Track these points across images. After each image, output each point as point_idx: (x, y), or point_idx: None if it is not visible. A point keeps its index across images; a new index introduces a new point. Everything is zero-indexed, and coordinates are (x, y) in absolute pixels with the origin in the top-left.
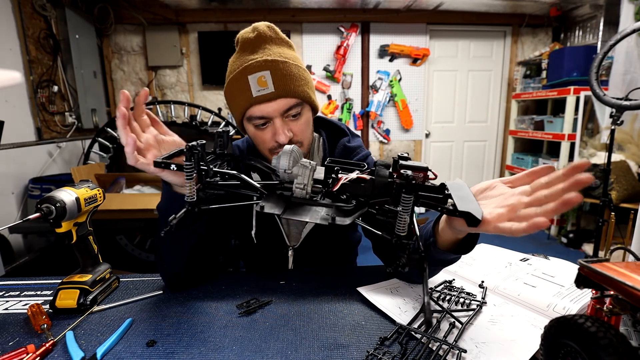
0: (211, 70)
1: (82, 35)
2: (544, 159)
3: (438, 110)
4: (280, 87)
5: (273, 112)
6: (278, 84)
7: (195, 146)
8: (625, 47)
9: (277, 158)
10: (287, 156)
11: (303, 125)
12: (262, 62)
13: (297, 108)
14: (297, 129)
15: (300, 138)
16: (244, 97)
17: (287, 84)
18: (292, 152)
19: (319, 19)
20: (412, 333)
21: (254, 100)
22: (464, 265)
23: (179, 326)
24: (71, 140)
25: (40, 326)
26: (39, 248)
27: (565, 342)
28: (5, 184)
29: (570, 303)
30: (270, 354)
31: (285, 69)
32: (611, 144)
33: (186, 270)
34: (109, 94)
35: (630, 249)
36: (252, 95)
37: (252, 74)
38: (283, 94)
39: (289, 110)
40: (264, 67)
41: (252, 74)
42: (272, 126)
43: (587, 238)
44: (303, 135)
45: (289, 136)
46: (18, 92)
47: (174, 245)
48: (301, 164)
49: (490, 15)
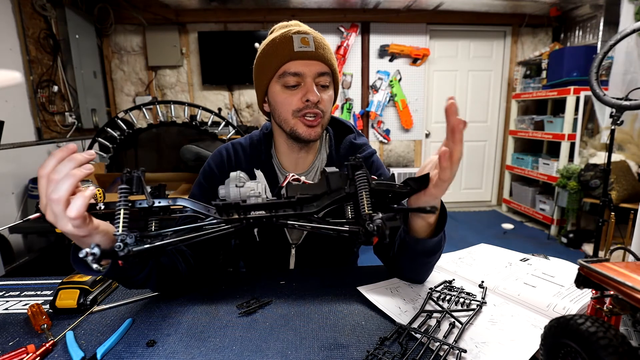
0: (211, 70)
1: (82, 35)
2: (544, 159)
3: (438, 110)
4: (319, 50)
5: (309, 71)
6: (318, 47)
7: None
8: (625, 47)
9: (224, 187)
10: (235, 179)
11: (329, 98)
12: (307, 29)
13: (328, 78)
14: (325, 98)
15: (324, 107)
16: (285, 51)
17: (325, 51)
18: (238, 175)
19: (319, 19)
20: (412, 333)
21: (295, 54)
22: (464, 265)
23: (179, 326)
24: (71, 140)
25: (40, 326)
26: (39, 248)
27: (565, 342)
28: (5, 184)
29: (570, 303)
30: (270, 354)
31: (324, 41)
32: (611, 144)
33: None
34: (109, 94)
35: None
36: (294, 49)
37: (296, 34)
38: (321, 58)
39: (322, 76)
40: (308, 32)
41: (296, 34)
42: (303, 87)
43: (587, 238)
44: (326, 107)
45: (319, 97)
46: (18, 92)
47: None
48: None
49: (490, 15)
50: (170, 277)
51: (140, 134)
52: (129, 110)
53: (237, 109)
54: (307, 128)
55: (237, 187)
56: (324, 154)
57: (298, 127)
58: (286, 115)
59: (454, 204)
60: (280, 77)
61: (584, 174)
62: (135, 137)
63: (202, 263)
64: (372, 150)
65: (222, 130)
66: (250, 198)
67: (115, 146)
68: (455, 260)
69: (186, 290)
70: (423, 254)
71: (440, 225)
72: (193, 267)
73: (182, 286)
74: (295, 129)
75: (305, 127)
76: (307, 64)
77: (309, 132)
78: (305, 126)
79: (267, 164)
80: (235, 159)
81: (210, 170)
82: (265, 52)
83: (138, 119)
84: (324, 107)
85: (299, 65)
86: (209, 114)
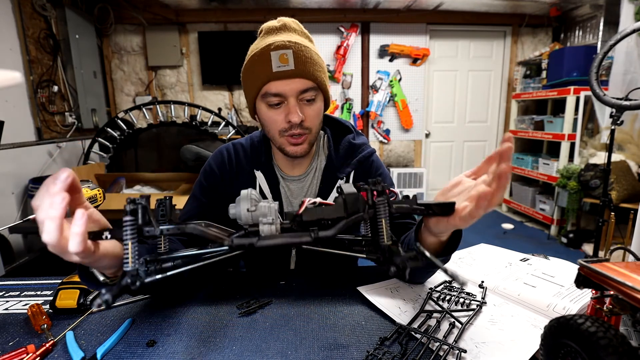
0: (211, 70)
1: (82, 35)
2: (544, 159)
3: (438, 110)
4: (300, 66)
5: (290, 90)
6: (298, 63)
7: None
8: (625, 47)
9: (234, 206)
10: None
11: (315, 112)
12: (286, 42)
13: (313, 92)
14: (310, 114)
15: (311, 125)
16: (263, 72)
17: (307, 66)
18: (249, 194)
19: (319, 19)
20: (412, 333)
21: (273, 75)
22: (464, 265)
23: (179, 326)
24: (71, 140)
25: (40, 326)
26: (39, 248)
27: (565, 342)
28: (5, 184)
29: (570, 303)
30: (270, 354)
31: (307, 52)
32: (611, 144)
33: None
34: (109, 94)
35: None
36: (272, 70)
37: (275, 51)
38: (302, 75)
39: (305, 92)
40: (288, 47)
41: (275, 51)
42: (286, 106)
43: (587, 238)
44: (313, 123)
45: (301, 117)
46: (18, 92)
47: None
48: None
49: (490, 15)
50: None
51: (140, 134)
52: (129, 110)
53: (237, 109)
54: (293, 146)
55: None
56: (322, 155)
57: (285, 145)
58: (273, 134)
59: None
60: (262, 96)
61: (584, 174)
62: (135, 137)
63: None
64: (371, 149)
65: (222, 130)
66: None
67: (115, 146)
68: (455, 260)
69: (186, 292)
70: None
71: (453, 244)
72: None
73: (183, 288)
74: (282, 147)
75: (291, 145)
76: (287, 83)
77: (295, 149)
78: (291, 145)
79: (267, 165)
80: (236, 160)
81: (211, 170)
82: (246, 69)
83: (138, 119)
84: (310, 124)
85: (279, 85)
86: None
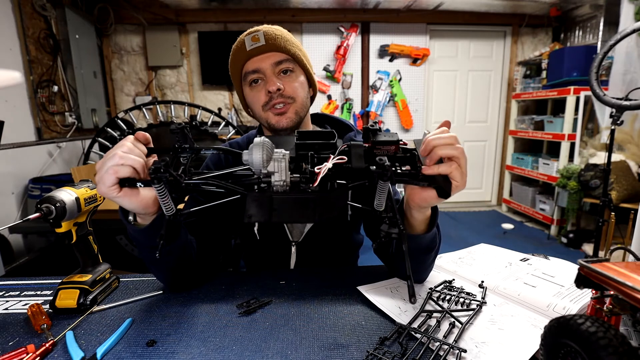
0: (211, 70)
1: (82, 35)
2: (544, 158)
3: (438, 110)
4: (270, 41)
5: (264, 64)
6: (269, 39)
7: (159, 167)
8: (625, 47)
9: (248, 152)
10: (259, 148)
11: (295, 84)
12: (258, 28)
13: (288, 64)
14: (288, 84)
15: (292, 93)
16: (240, 54)
17: (277, 40)
18: (263, 144)
19: (319, 19)
20: (412, 333)
21: (247, 54)
22: (464, 265)
23: (179, 326)
24: (71, 140)
25: (40, 326)
26: (39, 248)
27: (565, 342)
28: (5, 184)
29: (570, 303)
30: (270, 354)
31: (278, 31)
32: (611, 144)
33: (179, 278)
34: (109, 94)
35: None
36: (246, 50)
37: (247, 35)
38: (273, 48)
39: (280, 64)
40: (259, 29)
41: (247, 35)
42: (265, 81)
43: (587, 238)
44: (295, 92)
45: (279, 85)
46: (18, 92)
47: (158, 265)
48: (274, 159)
49: (490, 15)
50: (185, 260)
51: None
52: (129, 110)
53: (237, 109)
54: (277, 116)
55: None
56: None
57: (269, 118)
58: (259, 111)
59: (454, 204)
60: (244, 79)
61: (584, 174)
62: None
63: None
64: None
65: (222, 130)
66: (275, 186)
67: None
68: (455, 260)
69: (187, 287)
70: (420, 250)
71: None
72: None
73: (187, 280)
74: (268, 121)
75: (275, 115)
76: (261, 59)
77: (279, 119)
78: (275, 115)
79: None
80: (233, 158)
81: (208, 169)
82: (230, 62)
83: (138, 119)
84: (291, 93)
85: (255, 62)
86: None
